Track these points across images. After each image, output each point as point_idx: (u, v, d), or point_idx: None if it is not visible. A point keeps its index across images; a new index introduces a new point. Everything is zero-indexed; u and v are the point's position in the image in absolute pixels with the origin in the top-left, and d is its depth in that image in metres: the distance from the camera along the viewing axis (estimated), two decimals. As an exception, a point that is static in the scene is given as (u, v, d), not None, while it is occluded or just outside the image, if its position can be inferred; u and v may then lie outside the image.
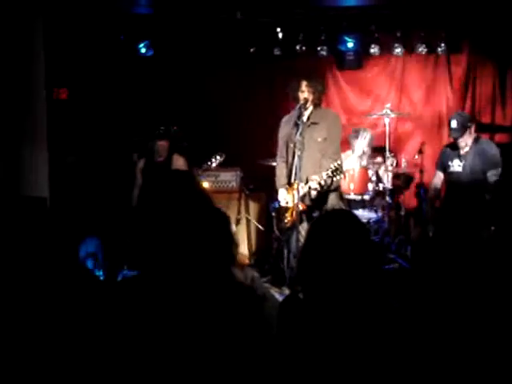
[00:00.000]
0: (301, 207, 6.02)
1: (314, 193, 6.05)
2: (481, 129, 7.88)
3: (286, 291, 6.35)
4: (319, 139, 6.14)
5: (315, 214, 6.05)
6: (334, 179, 5.95)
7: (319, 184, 5.92)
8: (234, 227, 7.94)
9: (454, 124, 6.78)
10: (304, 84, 6.17)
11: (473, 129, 6.86)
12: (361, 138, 8.06)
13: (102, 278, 6.25)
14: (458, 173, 6.89)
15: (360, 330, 2.30)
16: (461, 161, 6.87)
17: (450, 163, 6.98)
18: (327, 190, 6.13)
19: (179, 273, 2.13)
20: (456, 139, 6.83)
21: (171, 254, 2.13)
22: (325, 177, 5.87)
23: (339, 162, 5.88)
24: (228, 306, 2.17)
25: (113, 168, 8.48)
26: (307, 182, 6.01)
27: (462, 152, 6.87)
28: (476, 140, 6.86)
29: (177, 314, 2.09)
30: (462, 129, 6.75)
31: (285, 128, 6.41)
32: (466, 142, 6.81)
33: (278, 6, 8.21)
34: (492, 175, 6.59)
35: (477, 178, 6.67)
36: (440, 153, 7.29)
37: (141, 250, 2.19)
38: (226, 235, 2.29)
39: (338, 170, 5.85)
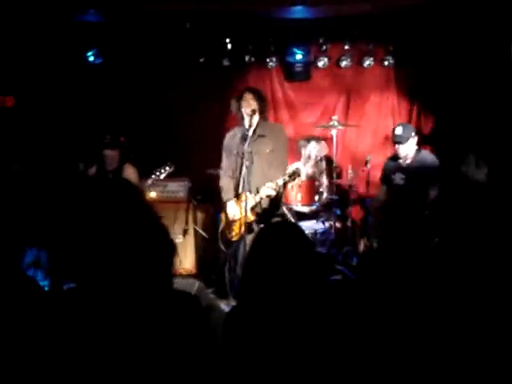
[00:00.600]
0: (252, 217, 6.08)
1: (266, 201, 6.14)
2: (425, 141, 8.01)
3: (232, 302, 6.36)
4: (267, 150, 6.21)
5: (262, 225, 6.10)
6: (292, 182, 6.05)
7: (274, 189, 5.99)
8: (180, 238, 7.93)
9: (398, 131, 6.83)
10: (250, 96, 6.23)
11: (415, 141, 6.94)
12: (310, 145, 8.11)
13: (46, 289, 6.17)
14: (400, 186, 6.95)
15: (306, 341, 2.31)
16: (403, 174, 6.93)
17: (392, 176, 7.04)
18: (275, 202, 6.21)
19: (119, 284, 2.12)
20: (399, 144, 6.85)
21: (110, 265, 2.11)
22: (281, 182, 5.94)
23: (297, 166, 5.97)
24: (172, 316, 2.16)
25: (59, 177, 8.37)
26: (257, 192, 6.08)
27: (403, 165, 6.94)
28: (417, 152, 6.93)
29: (118, 326, 2.08)
30: (406, 136, 6.79)
31: (230, 142, 6.46)
32: (407, 153, 6.87)
33: (227, 17, 8.23)
34: (432, 191, 6.66)
35: (418, 190, 6.73)
36: (383, 166, 7.37)
37: (79, 261, 2.17)
38: (166, 245, 2.28)
39: (295, 174, 5.93)
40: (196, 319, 2.22)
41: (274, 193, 6.05)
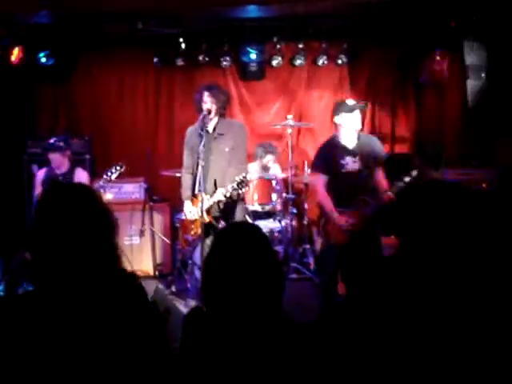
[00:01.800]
0: (207, 219, 6.03)
1: (222, 204, 6.10)
2: (382, 139, 8.02)
3: (191, 303, 6.32)
4: (226, 149, 6.16)
5: (221, 226, 6.07)
6: (240, 192, 5.98)
7: (225, 196, 5.95)
8: (137, 239, 7.88)
9: (351, 101, 6.12)
10: (206, 95, 6.18)
11: None
12: (267, 157, 8.13)
13: (1, 294, 6.10)
14: (354, 170, 6.04)
15: (263, 342, 2.31)
16: (354, 156, 6.04)
17: (342, 161, 6.05)
18: (234, 202, 6.17)
19: (75, 288, 2.10)
20: (359, 110, 6.03)
21: (66, 268, 2.10)
22: (230, 189, 5.89)
23: (244, 175, 5.89)
24: (128, 319, 2.14)
25: (11, 180, 8.29)
26: (215, 190, 6.05)
27: (350, 147, 6.07)
28: (357, 134, 6.10)
29: (73, 330, 2.06)
30: (360, 105, 6.14)
31: (191, 139, 6.39)
32: (356, 135, 6.08)
33: (180, 17, 8.18)
34: (379, 171, 6.09)
35: (369, 173, 6.06)
36: (319, 153, 6.33)
37: (36, 264, 2.15)
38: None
39: (243, 183, 5.87)
40: (152, 324, 2.21)
41: (223, 198, 6.00)
